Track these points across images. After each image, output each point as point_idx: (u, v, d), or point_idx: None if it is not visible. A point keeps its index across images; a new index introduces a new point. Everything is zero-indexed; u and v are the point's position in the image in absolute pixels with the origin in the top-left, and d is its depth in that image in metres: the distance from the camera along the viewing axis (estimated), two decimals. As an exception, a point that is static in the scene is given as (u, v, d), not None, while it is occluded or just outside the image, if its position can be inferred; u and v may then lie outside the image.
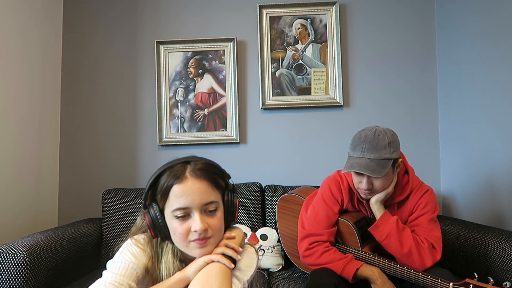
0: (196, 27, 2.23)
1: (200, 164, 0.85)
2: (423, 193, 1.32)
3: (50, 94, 2.08)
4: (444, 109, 2.13)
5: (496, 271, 1.34)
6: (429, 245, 1.22)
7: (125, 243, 0.86)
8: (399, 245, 1.21)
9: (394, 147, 1.25)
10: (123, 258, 0.81)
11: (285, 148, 2.19)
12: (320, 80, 2.19)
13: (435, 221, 1.28)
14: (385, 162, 1.22)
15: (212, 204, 0.83)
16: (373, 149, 1.23)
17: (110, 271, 0.79)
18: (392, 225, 1.23)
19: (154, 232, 0.84)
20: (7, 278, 1.22)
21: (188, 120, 2.19)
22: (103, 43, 2.23)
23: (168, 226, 0.83)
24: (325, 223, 1.35)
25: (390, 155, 1.22)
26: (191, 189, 0.80)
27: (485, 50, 1.76)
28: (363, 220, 1.36)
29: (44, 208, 2.00)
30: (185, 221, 0.80)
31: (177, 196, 0.80)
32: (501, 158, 1.66)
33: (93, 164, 2.18)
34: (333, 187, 1.39)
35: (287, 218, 1.68)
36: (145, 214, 0.84)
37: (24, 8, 1.84)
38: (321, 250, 1.29)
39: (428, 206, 1.29)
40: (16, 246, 1.27)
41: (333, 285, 1.18)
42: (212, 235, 0.82)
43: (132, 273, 0.79)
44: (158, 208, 0.83)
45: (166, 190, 0.81)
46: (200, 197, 0.81)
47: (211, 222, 0.82)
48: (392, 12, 2.22)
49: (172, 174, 0.82)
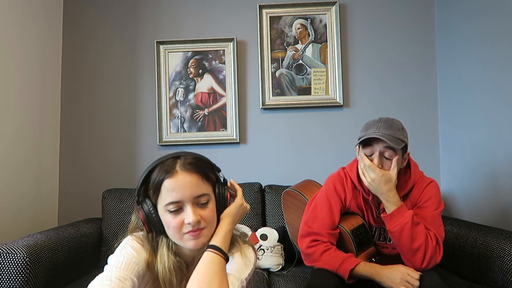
0: (196, 27, 2.23)
1: (190, 159, 0.87)
2: (426, 185, 1.30)
3: (50, 94, 2.08)
4: (444, 108, 2.13)
5: (496, 271, 1.34)
6: (436, 243, 1.19)
7: (125, 239, 0.87)
8: (410, 240, 1.18)
9: (406, 134, 1.27)
10: (125, 252, 0.82)
11: (285, 148, 2.19)
12: (320, 80, 2.19)
13: (439, 218, 1.26)
14: (399, 141, 1.21)
15: (203, 197, 0.84)
16: (388, 127, 1.24)
17: (113, 265, 0.79)
18: (408, 219, 1.18)
19: (148, 227, 0.85)
20: (7, 278, 1.22)
21: (188, 120, 2.19)
22: (103, 43, 2.23)
23: (162, 221, 0.84)
24: (327, 221, 1.33)
25: (403, 137, 1.23)
26: (182, 183, 0.81)
27: (485, 50, 1.76)
28: (362, 228, 1.33)
29: (44, 208, 2.00)
30: (178, 215, 0.81)
31: (169, 191, 0.81)
32: (501, 158, 1.66)
33: (93, 164, 2.18)
34: (337, 184, 1.37)
35: (292, 210, 1.70)
36: (139, 210, 0.85)
37: (24, 8, 1.84)
38: (322, 249, 1.28)
39: (433, 199, 1.27)
40: (16, 246, 1.27)
41: (334, 285, 1.16)
42: (205, 226, 0.83)
43: (134, 268, 0.80)
44: (151, 204, 0.84)
45: (157, 185, 0.83)
46: (191, 190, 0.82)
47: (203, 213, 0.83)
48: (392, 11, 2.22)
49: (163, 169, 0.83)
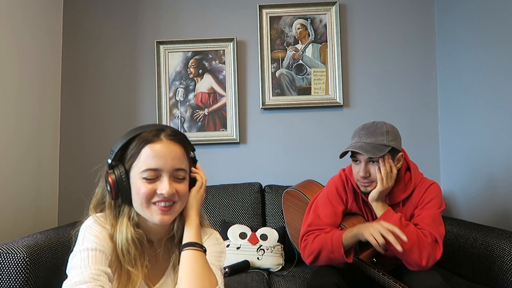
0: (196, 27, 2.23)
1: (175, 131, 0.86)
2: (427, 187, 1.30)
3: (50, 94, 2.08)
4: (444, 108, 2.13)
5: (496, 271, 1.34)
6: (432, 240, 1.19)
7: (84, 226, 0.81)
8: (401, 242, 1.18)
9: (393, 137, 1.25)
10: (89, 245, 0.76)
11: (285, 148, 2.19)
12: (320, 80, 2.19)
13: (440, 217, 1.26)
14: (382, 147, 1.22)
15: (182, 171, 0.82)
16: (370, 135, 1.25)
17: (81, 266, 0.73)
18: (395, 222, 1.20)
19: (115, 193, 0.81)
20: (7, 278, 1.22)
21: (188, 120, 2.19)
22: (103, 43, 2.23)
23: (131, 188, 0.81)
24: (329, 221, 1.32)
25: (387, 142, 1.23)
26: (165, 151, 0.80)
27: (485, 52, 1.76)
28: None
29: (44, 208, 2.00)
30: (151, 183, 0.79)
31: (149, 157, 0.79)
32: (500, 159, 1.66)
33: (93, 164, 2.17)
34: (339, 186, 1.38)
35: (292, 210, 1.70)
36: (109, 174, 0.81)
37: (24, 9, 1.84)
38: (314, 236, 1.27)
39: (433, 201, 1.27)
40: (16, 246, 1.27)
41: (334, 284, 1.16)
42: (177, 201, 0.81)
43: (102, 258, 0.76)
44: (124, 169, 0.81)
45: (137, 150, 0.80)
46: (173, 161, 0.80)
47: (178, 187, 0.81)
48: (393, 12, 2.22)
49: (146, 136, 0.81)
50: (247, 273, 1.62)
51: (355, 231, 1.20)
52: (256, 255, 1.70)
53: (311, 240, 1.28)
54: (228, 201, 1.91)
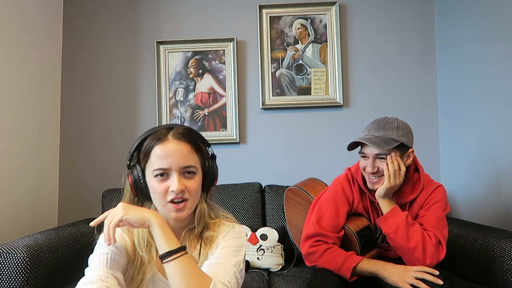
0: (196, 27, 2.23)
1: (182, 129, 0.89)
2: (433, 189, 1.30)
3: (50, 94, 2.08)
4: (444, 108, 2.13)
5: (496, 271, 1.34)
6: (436, 241, 1.19)
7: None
8: (406, 240, 1.19)
9: (403, 133, 1.25)
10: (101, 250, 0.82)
11: (285, 148, 2.19)
12: (320, 80, 2.19)
13: (444, 219, 1.26)
14: (390, 141, 1.22)
15: (191, 168, 0.85)
16: (379, 128, 1.25)
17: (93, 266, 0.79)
18: (401, 220, 1.21)
19: (135, 191, 0.88)
20: (7, 278, 1.22)
21: (188, 120, 2.19)
22: (103, 43, 2.23)
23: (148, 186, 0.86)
24: (332, 223, 1.32)
25: (397, 137, 1.22)
26: (171, 150, 0.84)
27: (485, 50, 1.76)
28: (367, 229, 1.33)
29: (44, 208, 2.00)
30: (164, 181, 0.84)
31: (158, 157, 0.83)
32: (501, 158, 1.66)
33: (93, 164, 2.18)
34: (346, 186, 1.37)
35: (294, 208, 1.69)
36: (128, 174, 0.89)
37: (24, 8, 1.84)
38: (323, 249, 1.27)
39: (439, 203, 1.27)
40: (16, 246, 1.27)
41: (334, 285, 1.16)
42: (189, 198, 0.85)
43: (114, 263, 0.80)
44: (141, 169, 0.87)
45: (148, 150, 0.85)
46: (180, 160, 0.84)
47: (188, 184, 0.85)
48: (392, 11, 2.22)
49: (156, 136, 0.86)
50: (247, 273, 1.62)
51: (377, 267, 1.19)
52: (256, 255, 1.71)
53: (319, 253, 1.27)
54: (228, 201, 1.91)
